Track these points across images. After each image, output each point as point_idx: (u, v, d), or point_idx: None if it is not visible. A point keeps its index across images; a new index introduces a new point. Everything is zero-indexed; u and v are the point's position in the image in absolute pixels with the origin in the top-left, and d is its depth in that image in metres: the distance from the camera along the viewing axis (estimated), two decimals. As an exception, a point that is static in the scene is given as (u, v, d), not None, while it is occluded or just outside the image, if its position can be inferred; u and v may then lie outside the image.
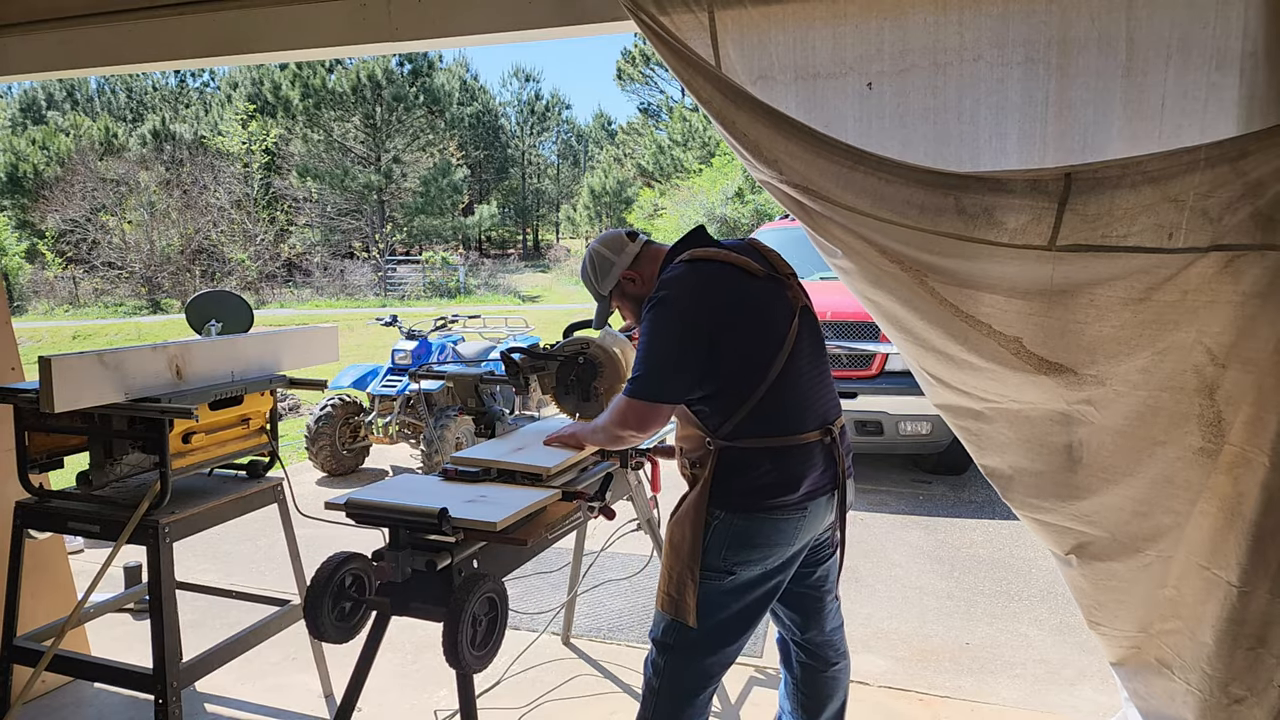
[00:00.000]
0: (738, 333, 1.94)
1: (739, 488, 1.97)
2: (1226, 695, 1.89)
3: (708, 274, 1.99)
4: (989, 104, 2.04)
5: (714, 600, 2.01)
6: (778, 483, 1.95)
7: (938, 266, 2.06)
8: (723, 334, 1.92)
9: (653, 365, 1.94)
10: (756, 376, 1.93)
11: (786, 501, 1.95)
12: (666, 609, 2.05)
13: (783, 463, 1.95)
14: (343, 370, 6.72)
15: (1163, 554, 2.06)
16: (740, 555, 1.98)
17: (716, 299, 1.95)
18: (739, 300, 1.97)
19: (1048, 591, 4.16)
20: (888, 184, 1.95)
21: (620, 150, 37.52)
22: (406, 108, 30.13)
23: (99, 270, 24.73)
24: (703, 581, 1.99)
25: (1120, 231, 1.80)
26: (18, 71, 2.95)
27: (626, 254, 2.18)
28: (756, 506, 1.96)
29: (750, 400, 1.92)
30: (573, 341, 2.57)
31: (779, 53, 2.15)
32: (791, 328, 1.99)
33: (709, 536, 1.98)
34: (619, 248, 2.20)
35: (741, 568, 2.00)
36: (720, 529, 1.98)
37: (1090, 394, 2.02)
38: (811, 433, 1.98)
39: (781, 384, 1.94)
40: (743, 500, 1.96)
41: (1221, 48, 1.86)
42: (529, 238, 43.93)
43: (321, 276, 26.46)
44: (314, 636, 2.05)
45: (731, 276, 1.98)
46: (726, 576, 1.99)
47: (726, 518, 1.97)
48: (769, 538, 1.98)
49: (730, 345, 1.93)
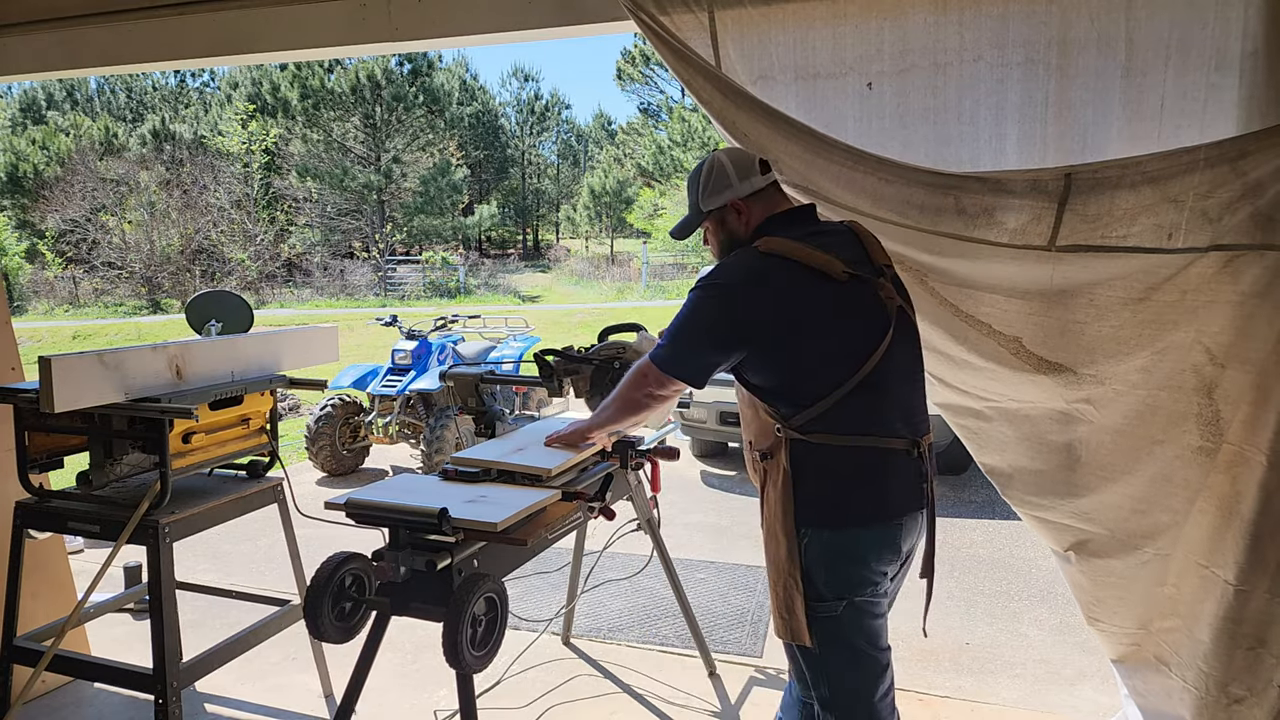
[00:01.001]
0: (805, 338, 1.76)
1: (821, 496, 1.78)
2: (1226, 695, 1.89)
3: (776, 275, 1.78)
4: (989, 104, 2.05)
5: (835, 634, 1.82)
6: (865, 492, 1.78)
7: (938, 266, 2.06)
8: (784, 337, 1.76)
9: (680, 342, 1.85)
10: (830, 382, 1.75)
11: (878, 514, 1.79)
12: (785, 634, 1.86)
13: (866, 467, 1.77)
14: (343, 370, 6.72)
15: (1161, 551, 2.06)
16: (845, 575, 1.79)
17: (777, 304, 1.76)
18: (809, 307, 1.76)
19: (1048, 591, 4.16)
20: (888, 184, 1.95)
21: (620, 150, 37.48)
22: (406, 108, 30.12)
23: (99, 270, 24.72)
24: (819, 617, 1.81)
25: (1120, 232, 1.81)
26: (18, 71, 2.95)
27: (749, 183, 1.91)
28: (844, 520, 1.78)
29: (827, 399, 1.75)
30: (608, 346, 2.53)
31: (779, 53, 2.15)
32: (884, 338, 1.77)
33: (805, 555, 1.80)
34: (746, 172, 1.92)
35: (852, 591, 1.80)
36: (813, 545, 1.79)
37: (1090, 393, 2.03)
38: (897, 439, 1.79)
39: (863, 390, 1.75)
40: (831, 513, 1.78)
41: (1221, 48, 1.86)
42: (529, 238, 43.91)
43: (321, 276, 26.45)
44: (314, 636, 2.05)
45: (803, 280, 1.77)
46: (840, 605, 1.80)
47: (816, 533, 1.79)
48: (871, 552, 1.79)
49: (796, 348, 1.76)
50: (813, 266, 1.77)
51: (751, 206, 1.91)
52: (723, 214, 1.94)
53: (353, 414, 6.46)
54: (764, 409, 1.83)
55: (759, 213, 1.92)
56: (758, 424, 1.88)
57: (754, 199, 1.91)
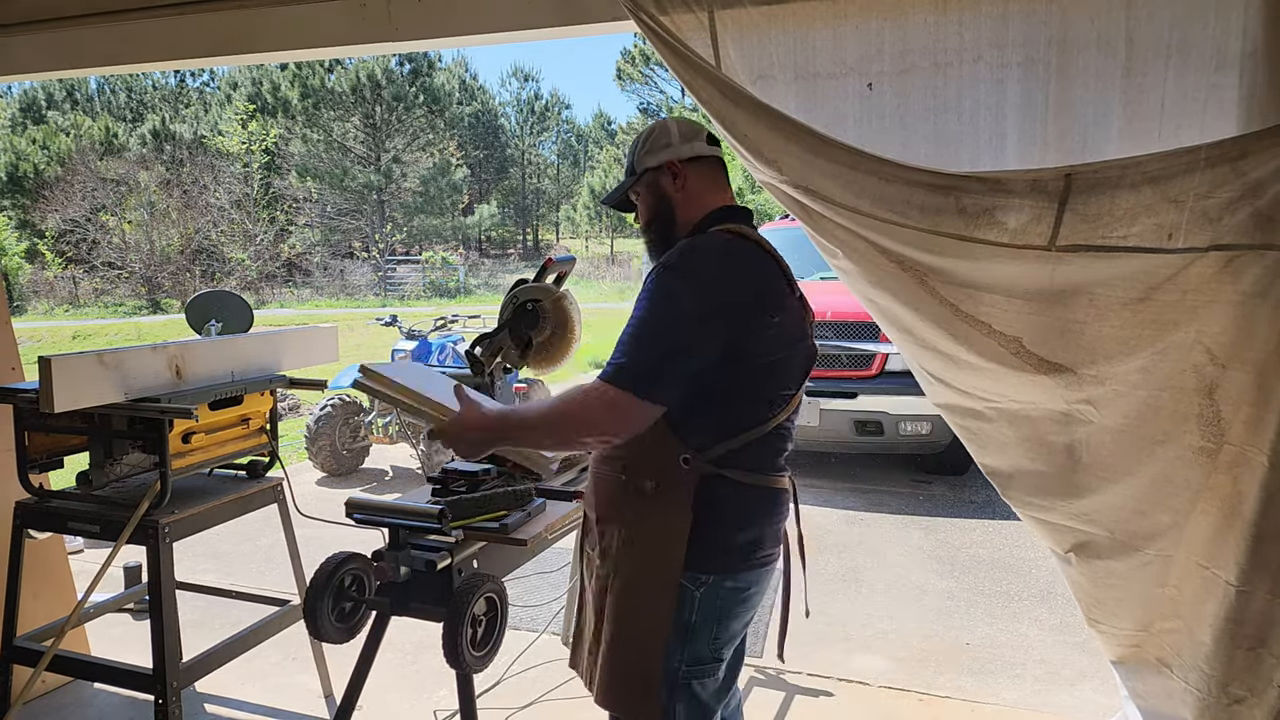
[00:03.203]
0: (765, 344, 1.55)
1: (730, 540, 1.57)
2: (1226, 695, 1.88)
3: (752, 258, 1.59)
4: (989, 104, 2.05)
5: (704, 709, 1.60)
6: (767, 533, 1.63)
7: (938, 267, 2.06)
8: (747, 338, 1.52)
9: (653, 348, 1.47)
10: (780, 402, 1.59)
11: (771, 556, 1.66)
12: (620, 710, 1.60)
13: (771, 506, 1.65)
14: (343, 370, 6.71)
15: (1162, 553, 2.06)
16: (729, 631, 1.61)
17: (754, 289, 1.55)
18: (777, 306, 1.58)
19: (1048, 591, 4.16)
20: (888, 184, 1.95)
21: (620, 150, 37.50)
22: (406, 107, 30.14)
23: (99, 270, 24.74)
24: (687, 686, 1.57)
25: (1120, 232, 1.80)
26: (18, 71, 2.94)
27: (691, 147, 1.72)
28: (748, 563, 1.60)
29: (763, 427, 1.57)
30: (513, 297, 2.37)
31: (779, 53, 2.15)
32: (811, 365, 1.71)
33: (695, 611, 1.55)
34: (690, 136, 1.74)
35: (727, 649, 1.63)
36: (707, 599, 1.55)
37: (1090, 393, 2.02)
38: (784, 478, 1.70)
39: (785, 423, 1.63)
40: (735, 557, 1.58)
41: (1221, 48, 1.86)
42: (529, 238, 43.91)
43: (321, 276, 26.47)
44: (314, 637, 2.05)
45: (775, 274, 1.61)
46: (719, 667, 1.61)
47: (715, 582, 1.56)
48: (755, 598, 1.64)
49: (756, 352, 1.53)
50: (784, 269, 1.64)
51: (688, 173, 1.72)
52: (656, 175, 1.73)
53: (353, 414, 6.46)
54: (667, 432, 1.53)
55: (694, 185, 1.72)
56: (647, 449, 1.54)
57: (692, 166, 1.72)
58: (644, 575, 1.55)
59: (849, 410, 5.69)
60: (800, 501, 1.83)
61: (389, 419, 6.25)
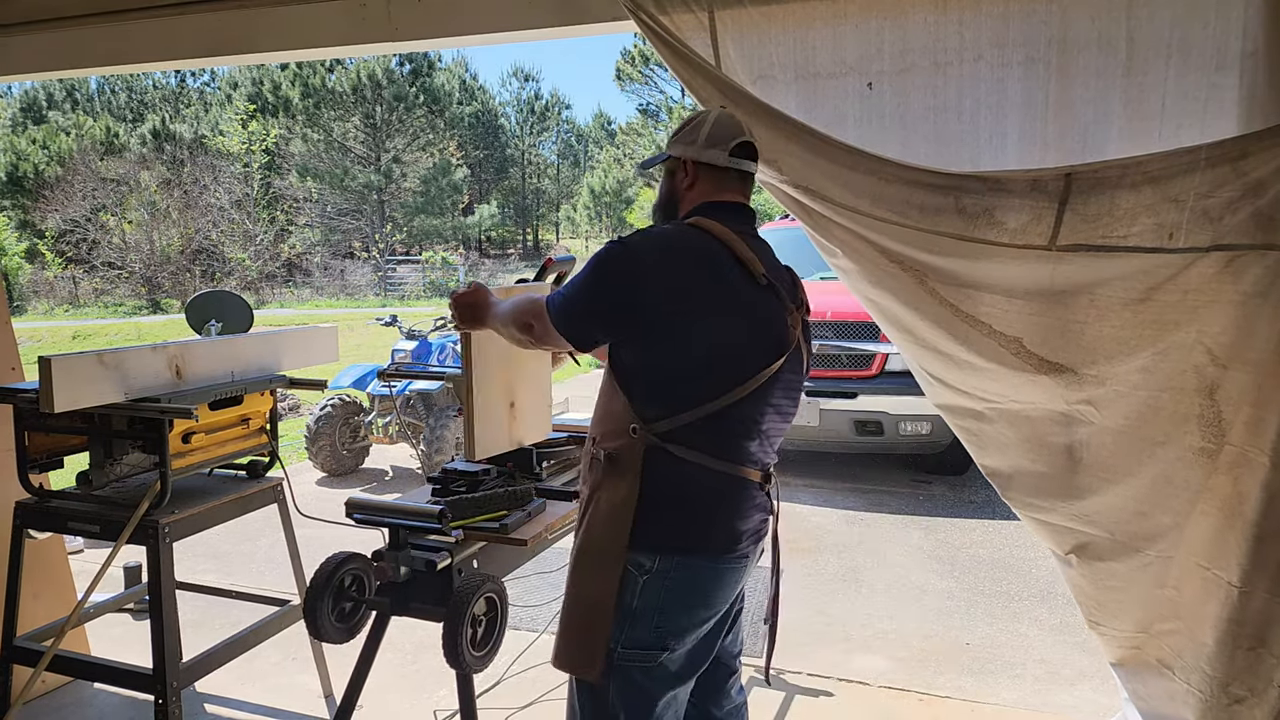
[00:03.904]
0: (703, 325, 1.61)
1: (678, 518, 1.60)
2: (1226, 695, 1.88)
3: (694, 249, 1.64)
4: (989, 104, 2.04)
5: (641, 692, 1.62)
6: (720, 519, 1.63)
7: (938, 266, 2.06)
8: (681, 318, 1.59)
9: (574, 298, 1.66)
10: (726, 385, 1.60)
11: (730, 547, 1.64)
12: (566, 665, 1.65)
13: (723, 493, 1.63)
14: (343, 370, 6.72)
15: (1163, 554, 2.05)
16: (677, 621, 1.61)
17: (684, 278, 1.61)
18: (718, 293, 1.63)
19: (1048, 591, 4.16)
20: (888, 184, 1.95)
21: (620, 150, 37.49)
22: (406, 107, 30.15)
23: (99, 270, 24.73)
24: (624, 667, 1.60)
25: (1120, 231, 1.80)
26: (18, 71, 2.95)
27: (709, 154, 1.75)
28: (702, 548, 1.61)
29: (706, 407, 1.59)
30: None
31: (779, 53, 2.15)
32: (776, 361, 1.66)
33: (638, 596, 1.59)
34: (715, 142, 1.75)
35: (677, 640, 1.62)
36: (653, 584, 1.59)
37: (1090, 394, 2.02)
38: (754, 470, 1.68)
39: (737, 408, 1.62)
40: (685, 539, 1.60)
41: (1221, 48, 1.86)
42: (529, 237, 43.92)
43: (321, 276, 26.47)
44: (314, 637, 2.05)
45: (722, 264, 1.64)
46: (660, 655, 1.61)
47: (661, 567, 1.59)
48: (714, 594, 1.63)
49: (689, 332, 1.59)
50: (736, 255, 1.66)
51: (698, 176, 1.76)
52: (675, 165, 1.80)
53: (353, 414, 6.46)
54: (623, 401, 1.63)
55: (703, 187, 1.77)
56: (610, 419, 1.66)
57: (704, 171, 1.76)
58: (597, 543, 1.63)
59: (849, 410, 5.69)
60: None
61: (389, 419, 6.25)
